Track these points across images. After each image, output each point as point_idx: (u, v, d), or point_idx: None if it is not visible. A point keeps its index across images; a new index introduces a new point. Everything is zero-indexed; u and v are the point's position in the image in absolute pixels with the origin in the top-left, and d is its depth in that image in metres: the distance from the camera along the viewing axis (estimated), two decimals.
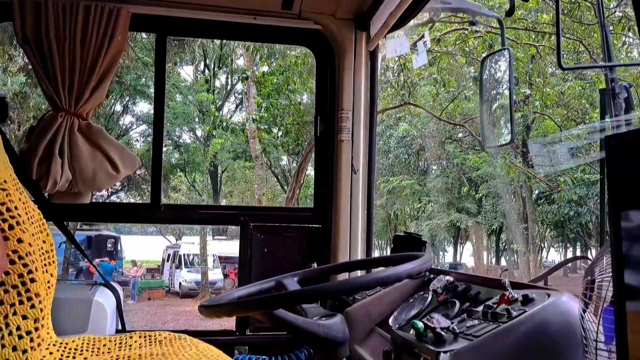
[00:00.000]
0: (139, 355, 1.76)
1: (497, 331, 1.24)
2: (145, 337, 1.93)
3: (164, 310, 16.95)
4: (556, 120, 14.55)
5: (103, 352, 1.82)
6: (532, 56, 11.78)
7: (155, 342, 1.90)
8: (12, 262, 1.29)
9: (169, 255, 24.73)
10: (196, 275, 21.69)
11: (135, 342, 1.89)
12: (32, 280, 1.31)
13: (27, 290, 1.30)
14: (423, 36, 7.99)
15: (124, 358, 1.74)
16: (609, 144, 0.85)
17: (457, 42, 10.28)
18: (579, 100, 14.75)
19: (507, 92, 2.36)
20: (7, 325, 1.25)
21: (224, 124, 15.21)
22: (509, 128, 2.36)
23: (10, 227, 1.30)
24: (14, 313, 1.27)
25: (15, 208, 1.34)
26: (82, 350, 1.83)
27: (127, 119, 23.24)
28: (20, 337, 1.27)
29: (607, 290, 1.01)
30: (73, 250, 17.31)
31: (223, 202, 25.59)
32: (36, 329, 1.30)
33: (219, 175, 24.68)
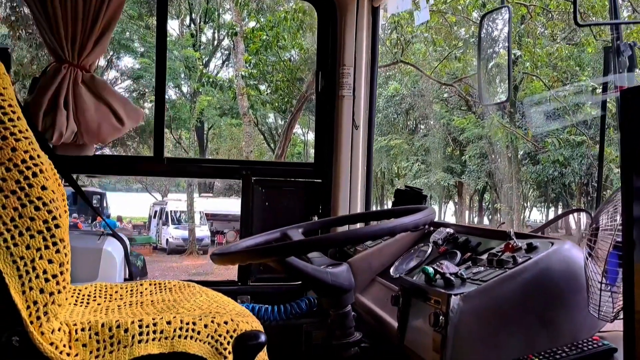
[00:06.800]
0: (151, 301, 1.82)
1: (503, 276, 1.31)
2: (155, 285, 2.00)
3: (151, 266, 16.98)
4: (545, 81, 14.57)
5: (115, 298, 1.89)
6: (522, 16, 11.73)
7: (165, 289, 1.96)
8: (37, 208, 1.32)
9: (155, 212, 24.64)
10: (183, 232, 21.68)
11: (146, 289, 1.96)
12: (57, 227, 1.35)
13: (52, 236, 1.33)
14: None
15: (136, 303, 1.80)
16: (625, 98, 0.90)
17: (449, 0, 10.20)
18: (567, 62, 14.74)
19: (503, 50, 2.39)
20: (34, 268, 1.30)
21: (211, 81, 15.03)
22: (505, 86, 2.41)
23: (34, 175, 1.34)
24: (40, 257, 1.31)
25: (38, 156, 1.37)
26: (95, 297, 1.89)
27: (111, 74, 22.78)
28: (47, 280, 1.31)
29: (613, 237, 1.08)
30: None
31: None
32: (61, 273, 1.35)
33: (206, 133, 24.47)
